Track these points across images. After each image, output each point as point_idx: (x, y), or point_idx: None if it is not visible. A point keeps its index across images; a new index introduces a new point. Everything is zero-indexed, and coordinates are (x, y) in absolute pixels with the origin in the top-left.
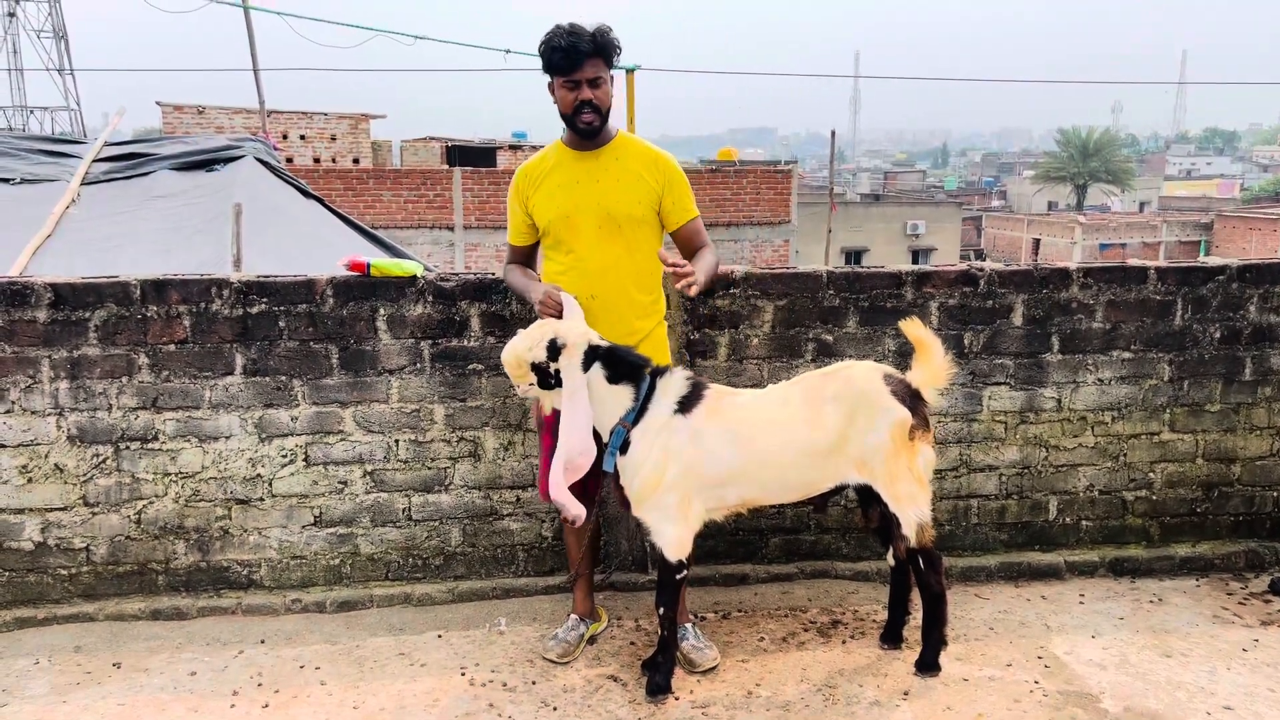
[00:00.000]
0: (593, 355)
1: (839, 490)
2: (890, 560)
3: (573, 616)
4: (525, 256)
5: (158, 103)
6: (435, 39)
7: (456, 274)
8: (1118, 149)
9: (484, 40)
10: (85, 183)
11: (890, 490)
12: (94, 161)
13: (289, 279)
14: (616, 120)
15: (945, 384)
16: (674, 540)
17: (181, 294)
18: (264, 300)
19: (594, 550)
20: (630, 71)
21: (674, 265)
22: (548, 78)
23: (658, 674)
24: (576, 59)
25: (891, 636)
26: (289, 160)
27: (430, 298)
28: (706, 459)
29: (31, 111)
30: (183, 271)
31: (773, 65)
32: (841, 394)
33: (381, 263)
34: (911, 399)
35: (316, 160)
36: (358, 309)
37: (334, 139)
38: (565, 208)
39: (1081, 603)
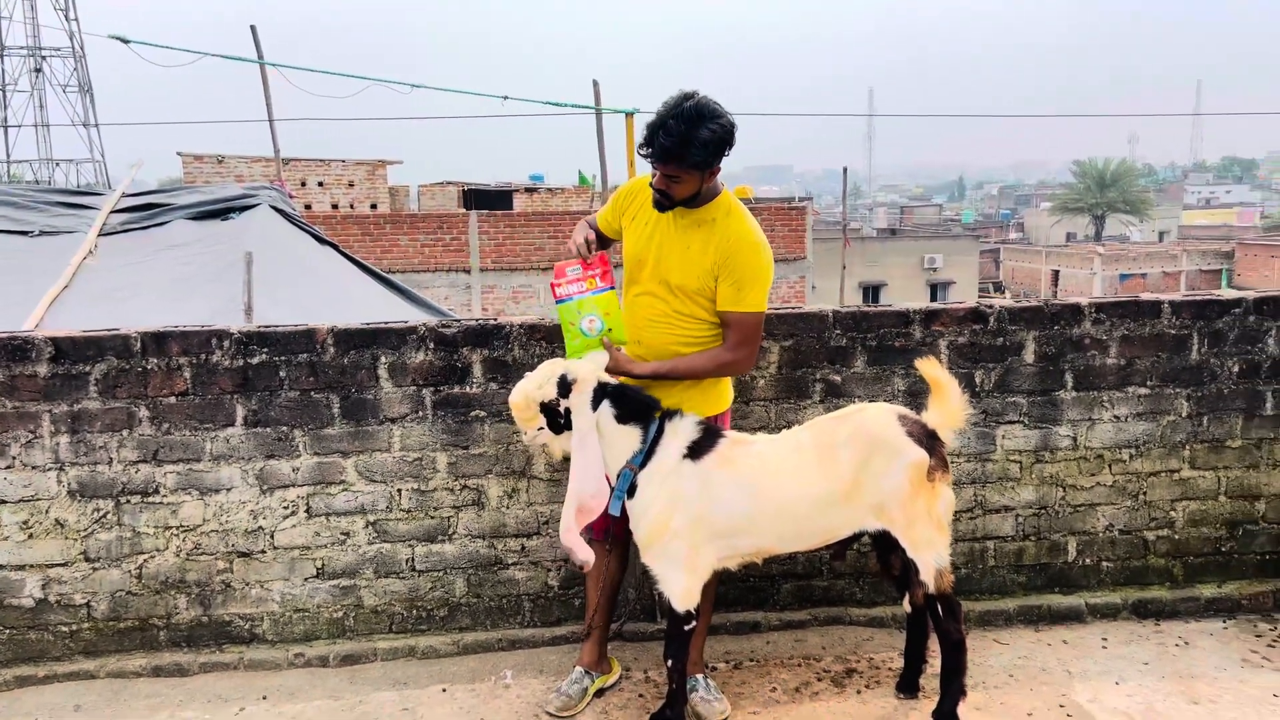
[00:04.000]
0: (601, 393)
1: (858, 537)
2: (907, 606)
3: (578, 669)
4: (600, 235)
5: (178, 153)
6: (431, 87)
7: (458, 320)
8: (1135, 179)
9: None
10: (103, 233)
11: (908, 535)
12: (111, 212)
13: (289, 329)
14: (617, 162)
15: (962, 424)
16: (681, 590)
17: (182, 346)
18: (264, 350)
19: (611, 601)
20: (629, 115)
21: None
22: None
23: None
24: (663, 157)
25: (908, 685)
26: (307, 207)
27: (432, 344)
28: (716, 508)
29: (57, 164)
30: (194, 320)
31: (786, 105)
32: (855, 438)
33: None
34: (928, 440)
35: (335, 206)
36: (359, 357)
37: (352, 185)
38: (637, 251)
39: (1104, 647)
